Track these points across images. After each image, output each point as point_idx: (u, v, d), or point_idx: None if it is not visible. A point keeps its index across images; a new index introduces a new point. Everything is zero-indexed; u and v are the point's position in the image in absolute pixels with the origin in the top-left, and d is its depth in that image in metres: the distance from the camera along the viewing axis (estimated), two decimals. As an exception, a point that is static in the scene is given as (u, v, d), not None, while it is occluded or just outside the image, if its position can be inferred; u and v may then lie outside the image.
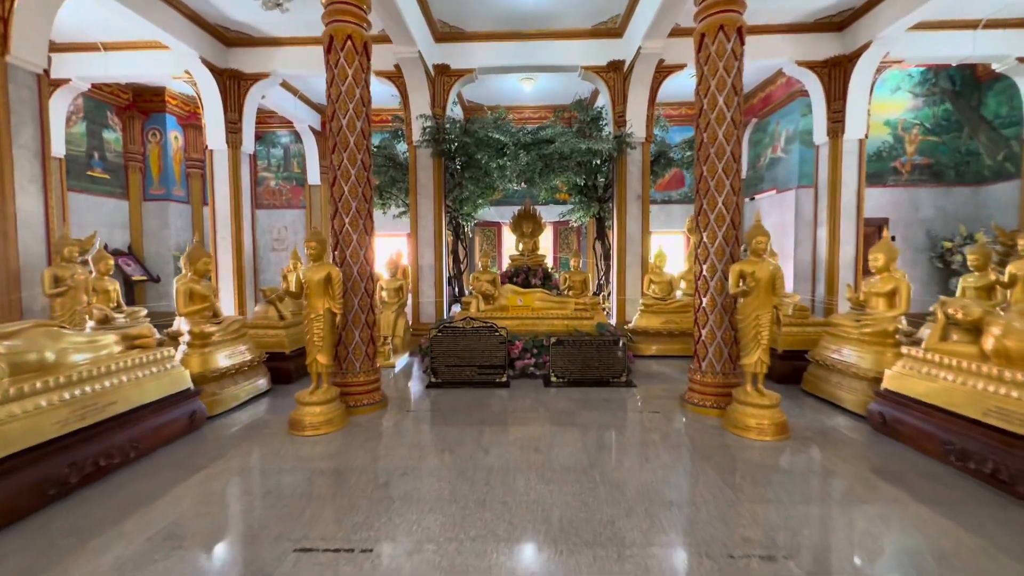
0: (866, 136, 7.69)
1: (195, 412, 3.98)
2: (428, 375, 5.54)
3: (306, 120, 10.91)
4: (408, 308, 7.97)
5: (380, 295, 7.37)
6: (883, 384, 3.95)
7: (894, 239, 9.31)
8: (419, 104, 7.67)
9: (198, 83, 7.74)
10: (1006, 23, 7.19)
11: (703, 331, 4.48)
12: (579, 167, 7.62)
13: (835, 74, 7.62)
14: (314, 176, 11.55)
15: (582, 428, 4.06)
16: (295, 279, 4.13)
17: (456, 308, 8.46)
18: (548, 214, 9.65)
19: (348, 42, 4.35)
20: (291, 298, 4.39)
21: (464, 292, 9.08)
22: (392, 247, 9.05)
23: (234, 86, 7.95)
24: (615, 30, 7.59)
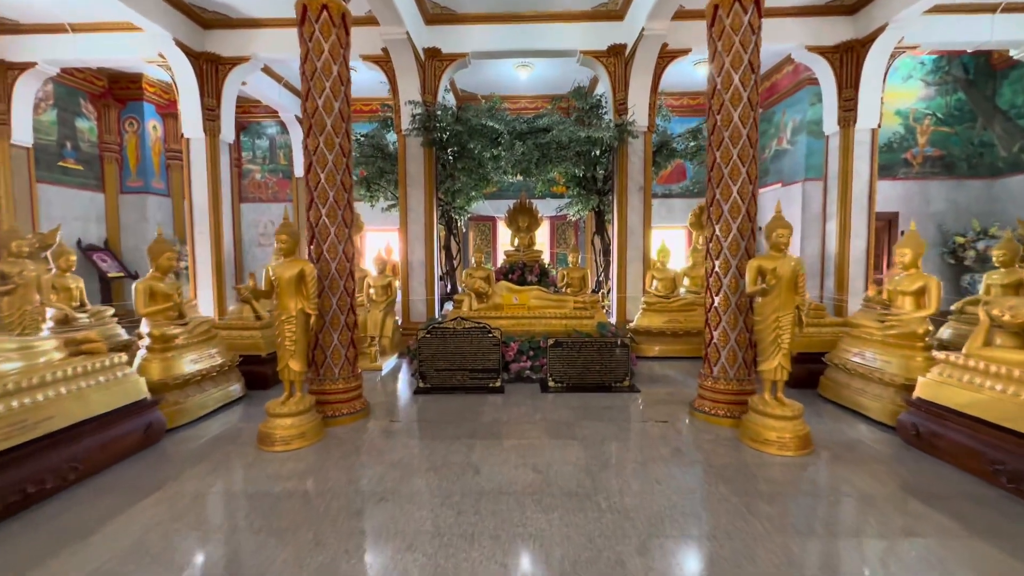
0: (879, 125, 7.31)
1: (151, 425, 3.56)
2: (416, 379, 5.13)
3: (292, 109, 10.42)
4: (399, 306, 7.58)
5: (368, 293, 6.97)
6: (916, 392, 3.57)
7: (903, 234, 8.95)
8: (408, 90, 7.23)
9: (172, 67, 7.27)
10: (1028, 6, 6.82)
11: (715, 333, 4.10)
12: (578, 157, 7.21)
13: (847, 60, 7.23)
14: (301, 168, 11.06)
15: (584, 442, 3.67)
16: (265, 276, 3.71)
17: (449, 306, 8.06)
18: (545, 208, 9.24)
19: (324, 13, 3.92)
20: (260, 297, 3.97)
21: (457, 289, 8.67)
22: (383, 242, 8.61)
23: (211, 71, 7.48)
24: (616, 12, 7.16)
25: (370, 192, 8.29)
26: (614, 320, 7.60)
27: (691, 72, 9.59)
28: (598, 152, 7.36)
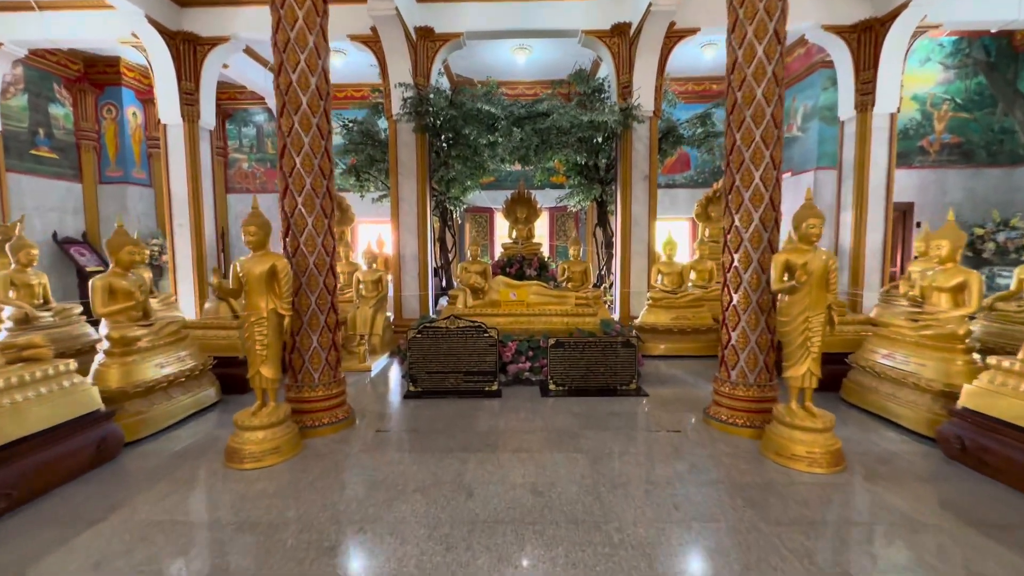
0: (898, 110, 6.91)
1: (105, 439, 3.17)
2: (407, 382, 4.76)
3: (279, 95, 9.95)
4: (393, 302, 7.19)
5: (358, 288, 6.57)
6: (961, 401, 3.21)
7: (919, 225, 8.59)
8: (399, 72, 6.79)
9: (147, 48, 6.81)
10: (1060, -19, 6.40)
11: (733, 334, 3.72)
12: (579, 144, 6.79)
13: (865, 40, 6.81)
14: (290, 157, 10.60)
15: (590, 456, 3.29)
16: (233, 272, 3.31)
17: (444, 301, 7.67)
18: (544, 199, 8.83)
19: (297, -24, 3.49)
20: (227, 296, 3.58)
21: (452, 284, 8.28)
22: (376, 235, 8.20)
23: (189, 51, 7.02)
24: (620, -12, 6.72)
25: (360, 182, 7.86)
26: (617, 316, 7.22)
27: (697, 55, 9.14)
28: (601, 139, 6.95)
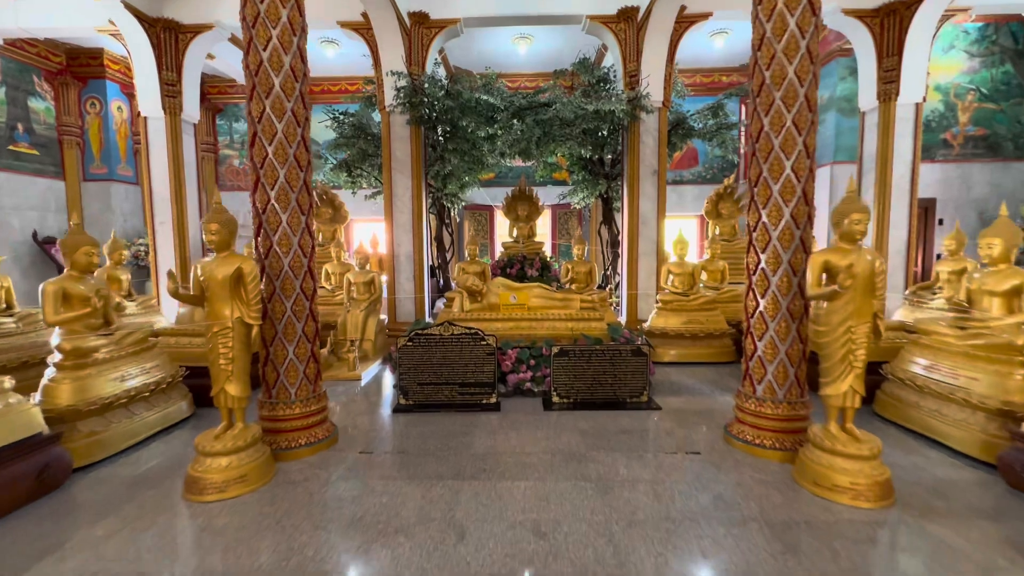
0: (924, 99, 6.48)
1: (48, 466, 2.79)
2: (397, 395, 4.36)
3: (270, 89, 9.57)
4: (390, 304, 6.80)
5: (348, 291, 6.19)
6: (1026, 424, 2.80)
7: (941, 223, 8.17)
8: (391, 61, 6.39)
9: (125, 36, 6.43)
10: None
11: (760, 344, 3.31)
12: (584, 136, 6.38)
13: (889, 24, 6.38)
14: (282, 154, 10.22)
15: (599, 485, 2.89)
16: (193, 276, 2.92)
17: (441, 304, 7.29)
18: (546, 196, 8.42)
19: (268, -59, 3.09)
20: (186, 303, 3.18)
21: (450, 285, 7.89)
22: (372, 234, 7.81)
23: (170, 40, 6.63)
24: (628, -31, 6.31)
25: (351, 177, 7.47)
26: (623, 320, 6.82)
27: (707, 45, 8.74)
28: (606, 131, 6.54)
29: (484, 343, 4.28)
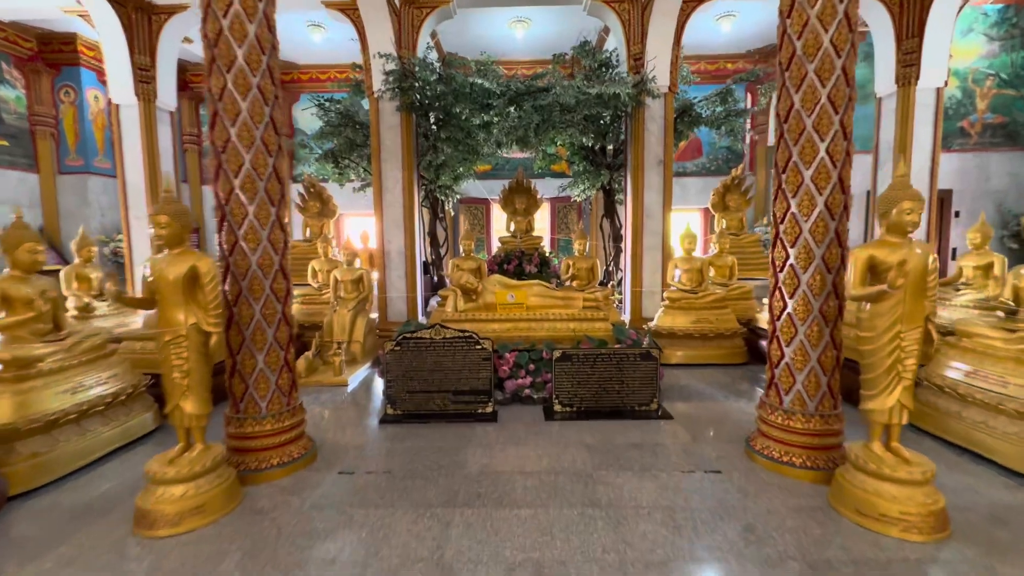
0: (946, 83, 6.12)
1: (-26, 499, 2.41)
2: (384, 405, 3.99)
3: (255, 77, 9.13)
4: (378, 302, 6.43)
5: (336, 289, 5.81)
6: (1099, 442, 2.45)
7: (958, 215, 7.83)
8: (380, 42, 5.97)
9: (93, 16, 5.99)
10: None
11: (788, 349, 2.95)
12: (586, 123, 5.98)
13: (909, 4, 5.99)
14: (269, 145, 9.79)
15: (610, 513, 2.53)
16: (142, 277, 2.54)
17: (436, 302, 6.92)
18: (544, 188, 8.02)
19: None
20: (133, 307, 2.81)
21: (444, 283, 7.51)
22: (363, 230, 7.42)
23: (143, 21, 6.19)
24: (632, -56, 5.90)
25: (339, 168, 7.05)
26: (627, 318, 6.46)
27: (712, 30, 8.33)
28: (609, 118, 6.15)
29: (479, 347, 3.91)
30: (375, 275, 6.39)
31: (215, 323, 2.52)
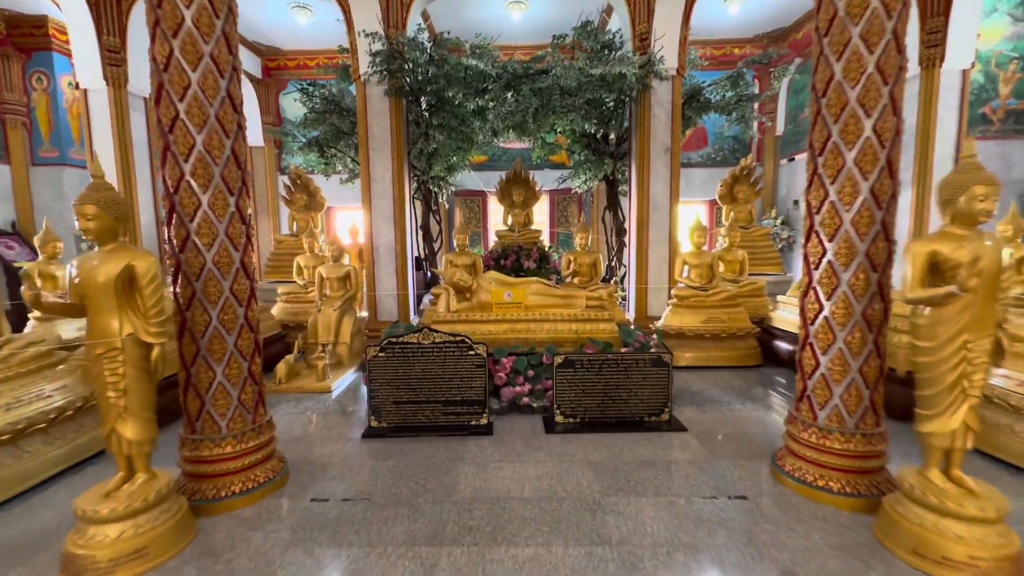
0: (973, 65, 5.73)
1: None
2: (368, 416, 3.61)
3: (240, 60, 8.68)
4: (367, 301, 6.05)
5: (321, 287, 5.43)
6: None
7: (978, 206, 7.43)
8: (366, 20, 5.55)
9: (56, -7, 5.56)
10: None
11: (823, 358, 2.58)
12: (588, 108, 5.57)
13: (935, -22, 5.59)
14: (255, 135, 9.37)
15: (624, 553, 2.17)
16: (68, 279, 2.15)
17: (429, 300, 6.53)
18: (543, 180, 7.61)
19: None
20: (56, 314, 2.43)
21: (438, 280, 7.12)
22: (352, 223, 7.02)
23: (111, 1, 5.75)
24: (638, -86, 5.47)
25: (324, 159, 6.64)
26: (631, 317, 6.08)
27: (719, 12, 7.91)
28: (612, 102, 5.75)
29: (472, 353, 3.53)
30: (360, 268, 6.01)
31: (157, 332, 2.13)
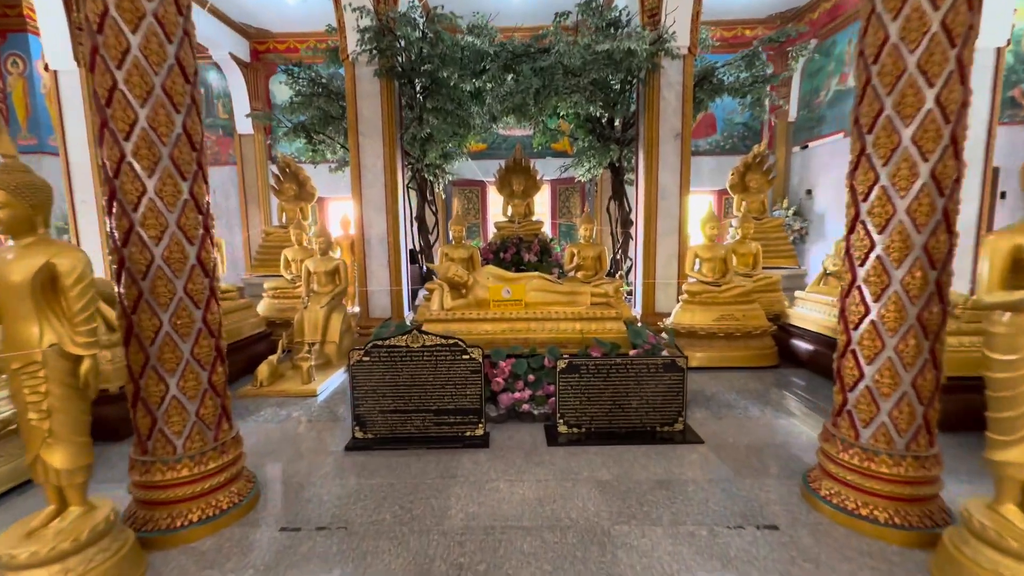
0: (1008, 42, 5.33)
1: None
2: (352, 427, 3.29)
3: (226, 45, 8.32)
4: (358, 296, 5.72)
5: (308, 282, 5.09)
6: None
7: (1003, 196, 7.06)
8: (354, -4, 5.15)
9: (21, -35, 5.16)
10: None
11: (869, 368, 2.23)
12: (593, 89, 5.19)
13: (968, -51, 5.16)
14: (244, 123, 8.99)
15: (639, 602, 1.84)
16: (-21, 279, 1.80)
17: (424, 295, 6.19)
18: (544, 169, 7.24)
19: None
20: None
21: (433, 274, 6.77)
22: (343, 214, 6.66)
23: (81, -27, 5.35)
24: None
25: (312, 145, 6.27)
26: (638, 313, 5.74)
27: (732, -10, 7.46)
28: (619, 85, 5.36)
29: (467, 357, 3.20)
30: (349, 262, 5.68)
31: (86, 343, 1.79)
